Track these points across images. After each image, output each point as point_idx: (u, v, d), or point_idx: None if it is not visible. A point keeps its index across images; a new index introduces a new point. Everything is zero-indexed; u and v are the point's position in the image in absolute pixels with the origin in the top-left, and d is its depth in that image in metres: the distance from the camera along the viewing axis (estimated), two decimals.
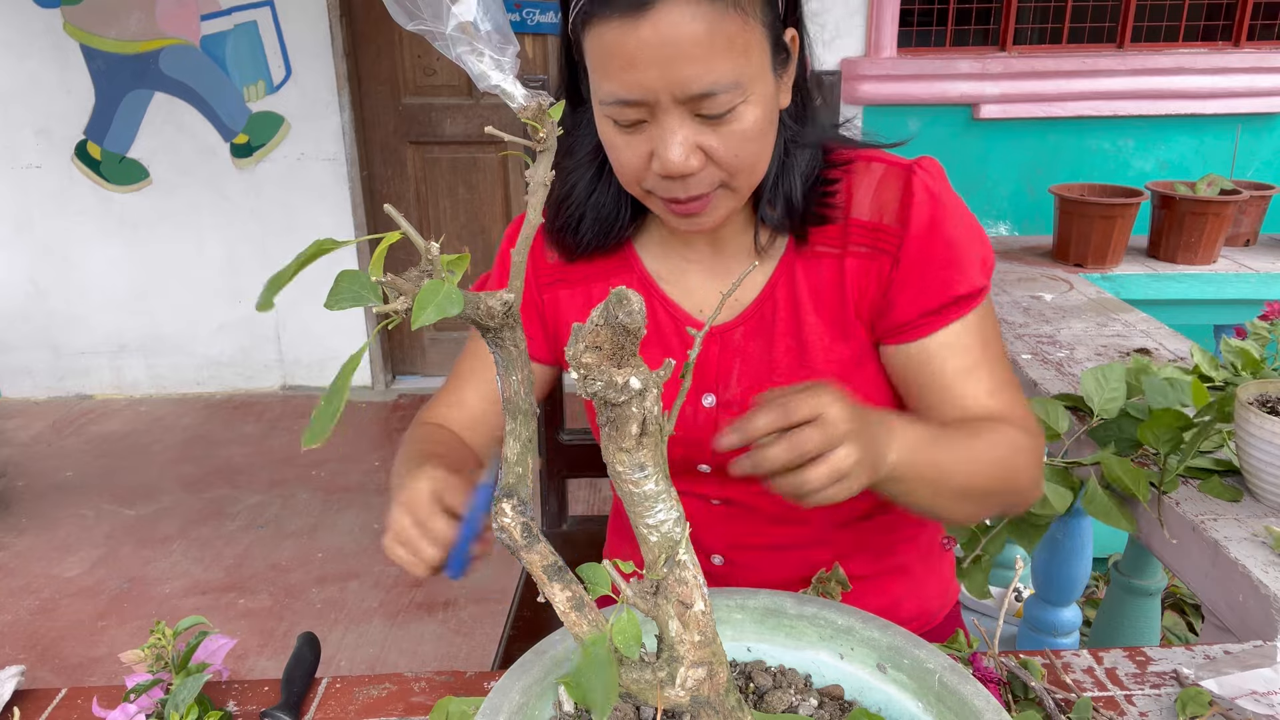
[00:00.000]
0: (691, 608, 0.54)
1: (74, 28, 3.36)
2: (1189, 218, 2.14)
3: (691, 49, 0.72)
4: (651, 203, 0.84)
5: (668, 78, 0.73)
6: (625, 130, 0.79)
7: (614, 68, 0.74)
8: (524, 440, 0.55)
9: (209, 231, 3.62)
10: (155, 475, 3.15)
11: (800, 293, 0.89)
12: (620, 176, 0.84)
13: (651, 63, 0.73)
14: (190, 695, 0.73)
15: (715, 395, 0.92)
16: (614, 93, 0.76)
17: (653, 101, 0.75)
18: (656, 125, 0.77)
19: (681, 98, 0.75)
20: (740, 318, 0.91)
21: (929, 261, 0.86)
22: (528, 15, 3.44)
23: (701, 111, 0.76)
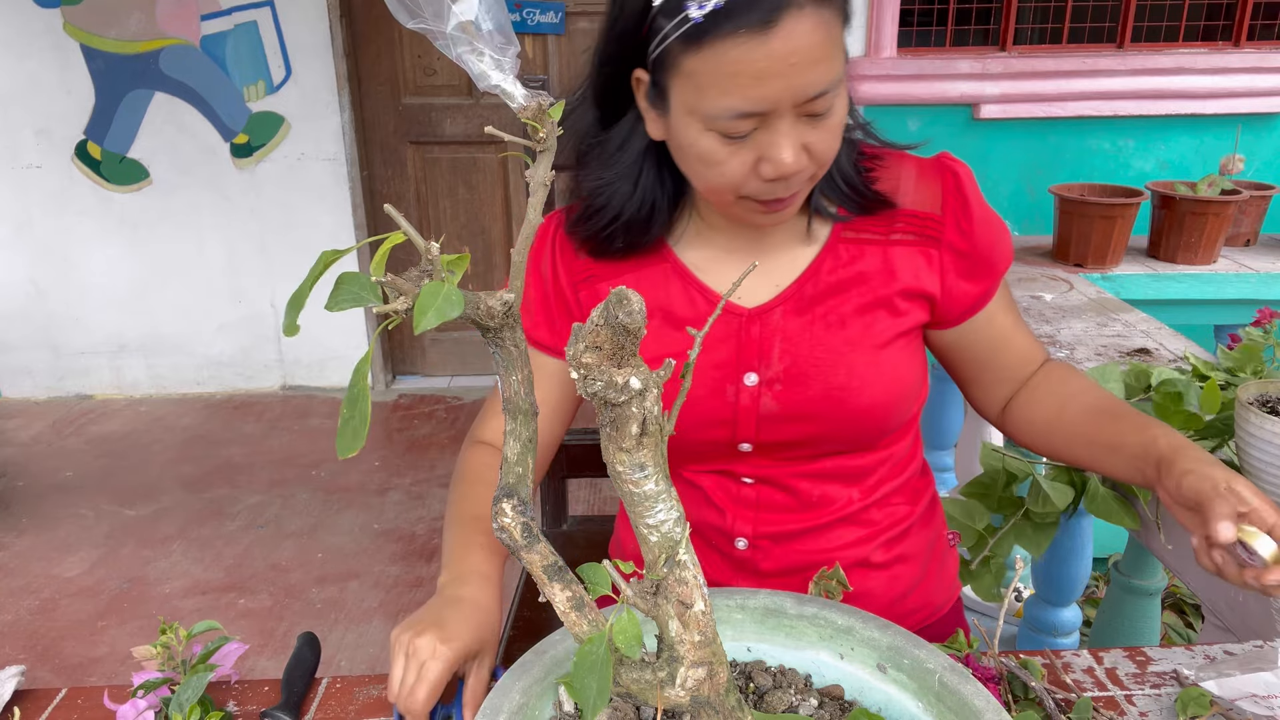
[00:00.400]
0: (692, 608, 0.54)
1: (74, 28, 3.36)
2: (1189, 218, 2.14)
3: (813, 55, 0.75)
4: (740, 206, 0.86)
5: (793, 86, 0.76)
6: (732, 142, 0.80)
7: (739, 83, 0.76)
8: (524, 440, 0.55)
9: (209, 231, 3.62)
10: (155, 475, 3.15)
11: (844, 275, 0.93)
12: (713, 186, 0.85)
13: (780, 74, 0.75)
14: (194, 695, 0.73)
15: (757, 374, 0.94)
16: (734, 107, 0.77)
17: (773, 109, 0.77)
18: (768, 131, 0.79)
19: (800, 101, 0.77)
20: (780, 298, 0.94)
21: (980, 247, 0.94)
22: (528, 15, 3.44)
23: (810, 111, 0.79)
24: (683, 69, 0.78)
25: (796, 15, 0.73)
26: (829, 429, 0.94)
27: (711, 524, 1.01)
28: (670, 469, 0.99)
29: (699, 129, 0.80)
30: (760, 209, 0.85)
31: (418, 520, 2.86)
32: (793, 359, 0.93)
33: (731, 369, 0.94)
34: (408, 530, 2.80)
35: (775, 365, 0.93)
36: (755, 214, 0.86)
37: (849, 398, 0.92)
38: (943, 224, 0.93)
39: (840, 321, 0.93)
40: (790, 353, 0.93)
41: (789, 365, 0.93)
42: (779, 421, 0.94)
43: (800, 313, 0.93)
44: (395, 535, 2.77)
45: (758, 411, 0.94)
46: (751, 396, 0.94)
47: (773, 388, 0.93)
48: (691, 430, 0.95)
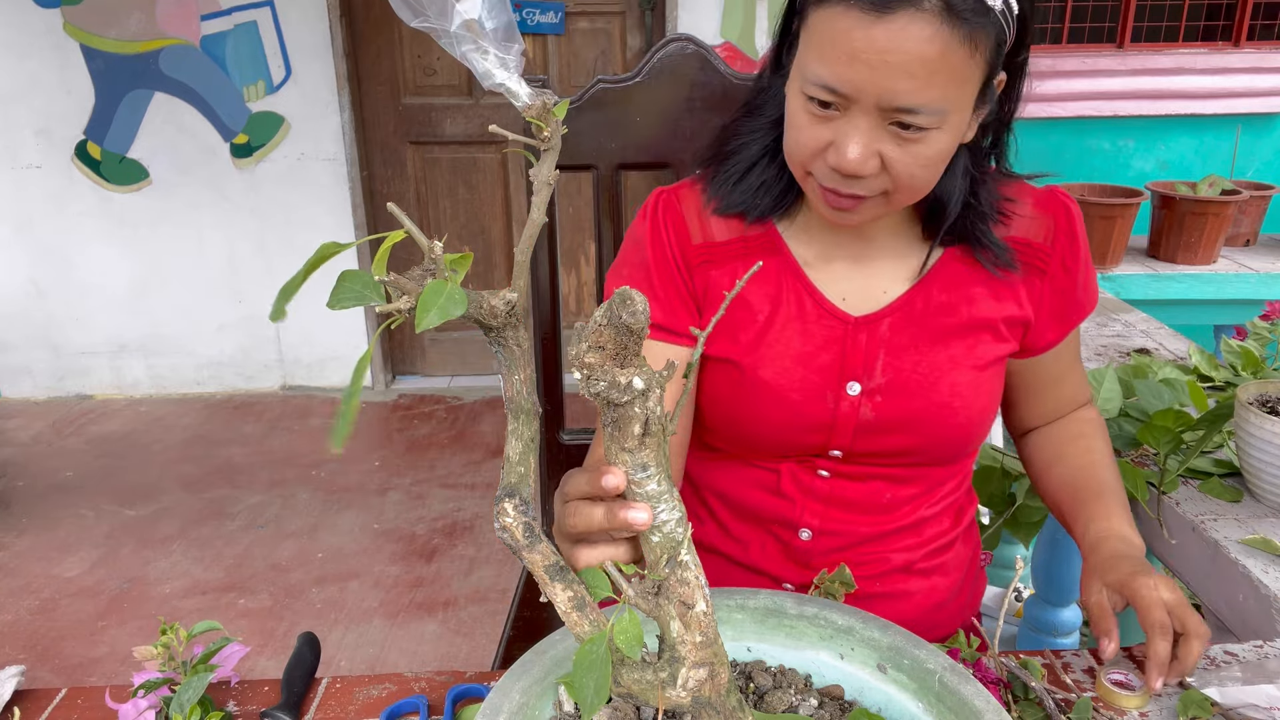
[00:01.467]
0: (693, 608, 0.54)
1: (74, 28, 3.36)
2: (1189, 218, 2.14)
3: (916, 65, 0.73)
4: (808, 183, 0.86)
5: (881, 84, 0.75)
6: (816, 113, 0.79)
7: (834, 55, 0.75)
8: (526, 440, 0.55)
9: (209, 231, 3.62)
10: (155, 475, 3.15)
11: (954, 294, 0.93)
12: (788, 149, 0.85)
13: (871, 65, 0.74)
14: (195, 696, 0.73)
15: (860, 384, 0.93)
16: (823, 78, 0.77)
17: (855, 98, 0.76)
18: (847, 120, 0.78)
19: (885, 105, 0.76)
20: (887, 309, 0.94)
21: (1075, 286, 0.96)
22: (528, 15, 3.44)
23: (897, 121, 0.77)
24: (807, 22, 0.79)
25: (912, 15, 0.72)
26: (922, 443, 0.95)
27: (778, 512, 1.00)
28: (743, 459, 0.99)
29: (796, 88, 0.81)
30: (822, 195, 0.85)
31: (418, 520, 2.86)
32: (896, 371, 0.93)
33: (834, 376, 0.93)
34: (408, 530, 2.80)
35: (878, 376, 0.93)
36: (818, 198, 0.86)
37: (948, 416, 0.93)
38: (1050, 257, 0.94)
39: (945, 339, 0.93)
40: (894, 365, 0.93)
41: (892, 377, 0.93)
42: (875, 432, 0.94)
43: (907, 326, 0.93)
44: (395, 535, 2.77)
45: (856, 420, 0.94)
46: (852, 405, 0.93)
47: (873, 399, 0.93)
48: (786, 432, 0.95)
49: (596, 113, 1.28)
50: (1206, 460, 1.16)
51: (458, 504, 2.95)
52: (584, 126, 1.29)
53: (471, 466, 3.20)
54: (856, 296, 0.94)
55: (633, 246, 0.99)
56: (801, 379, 0.93)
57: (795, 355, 0.93)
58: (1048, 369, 1.01)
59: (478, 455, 3.28)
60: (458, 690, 0.81)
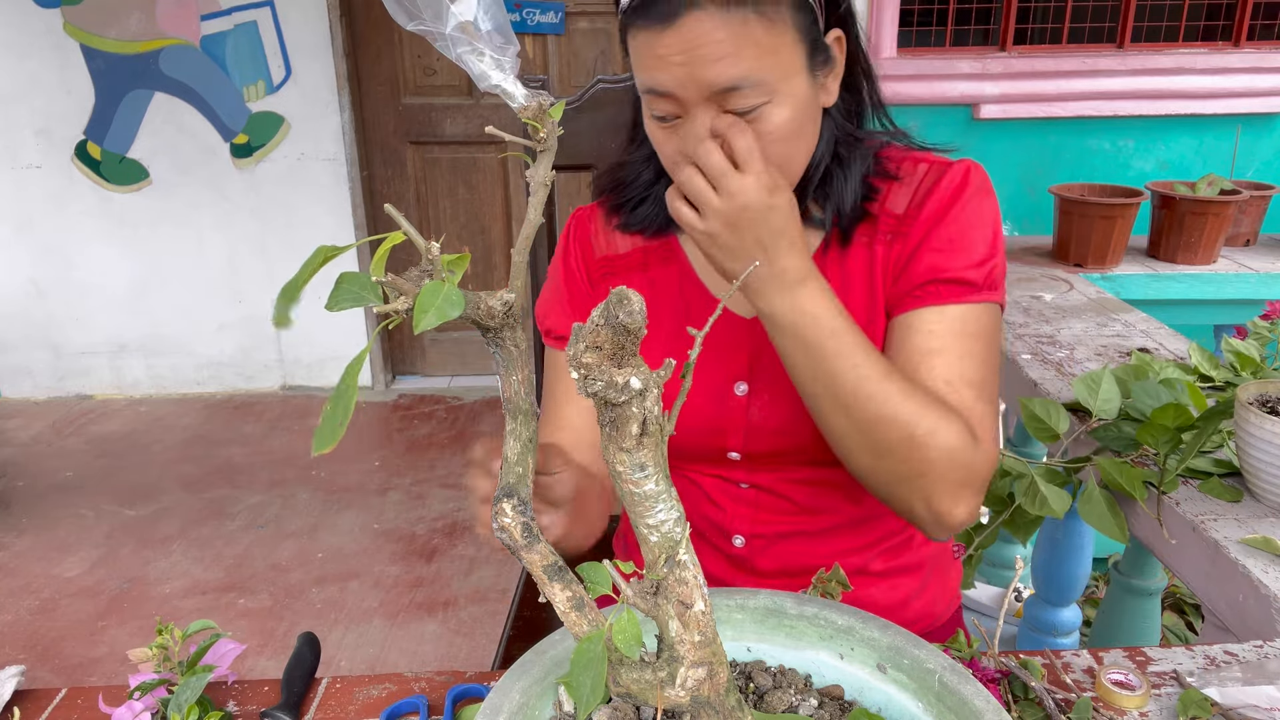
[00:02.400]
0: (692, 608, 0.54)
1: (74, 28, 3.36)
2: (1189, 218, 2.14)
3: (714, 51, 0.78)
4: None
5: (694, 75, 0.79)
6: (664, 125, 0.85)
7: (648, 65, 0.81)
8: (524, 440, 0.55)
9: (209, 231, 3.62)
10: (155, 475, 3.15)
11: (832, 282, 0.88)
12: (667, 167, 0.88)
13: (682, 62, 0.79)
14: (193, 696, 0.73)
15: (747, 383, 0.94)
16: (647, 84, 0.83)
17: (683, 97, 0.81)
18: (689, 120, 0.82)
19: (708, 93, 0.80)
20: None
21: (929, 242, 0.88)
22: (528, 15, 3.44)
23: (728, 107, 0.80)
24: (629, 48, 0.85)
25: (696, 16, 0.77)
26: (809, 443, 0.91)
27: (710, 520, 1.01)
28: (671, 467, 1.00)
29: (645, 108, 0.86)
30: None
31: (418, 520, 2.86)
32: (779, 372, 0.90)
33: (724, 377, 0.94)
34: (408, 530, 2.80)
35: (764, 375, 0.93)
36: None
37: None
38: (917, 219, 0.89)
39: None
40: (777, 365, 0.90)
41: (775, 377, 0.91)
42: (765, 434, 0.93)
43: None
44: (395, 535, 2.77)
45: (745, 422, 0.93)
46: (740, 405, 0.94)
47: (759, 399, 0.93)
48: (685, 435, 0.96)
49: (596, 113, 1.28)
50: (1206, 460, 1.16)
51: (458, 504, 2.95)
52: (583, 127, 1.29)
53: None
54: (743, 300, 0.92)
55: (553, 263, 1.05)
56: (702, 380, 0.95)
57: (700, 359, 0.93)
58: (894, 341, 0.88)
59: None
60: (458, 690, 0.81)
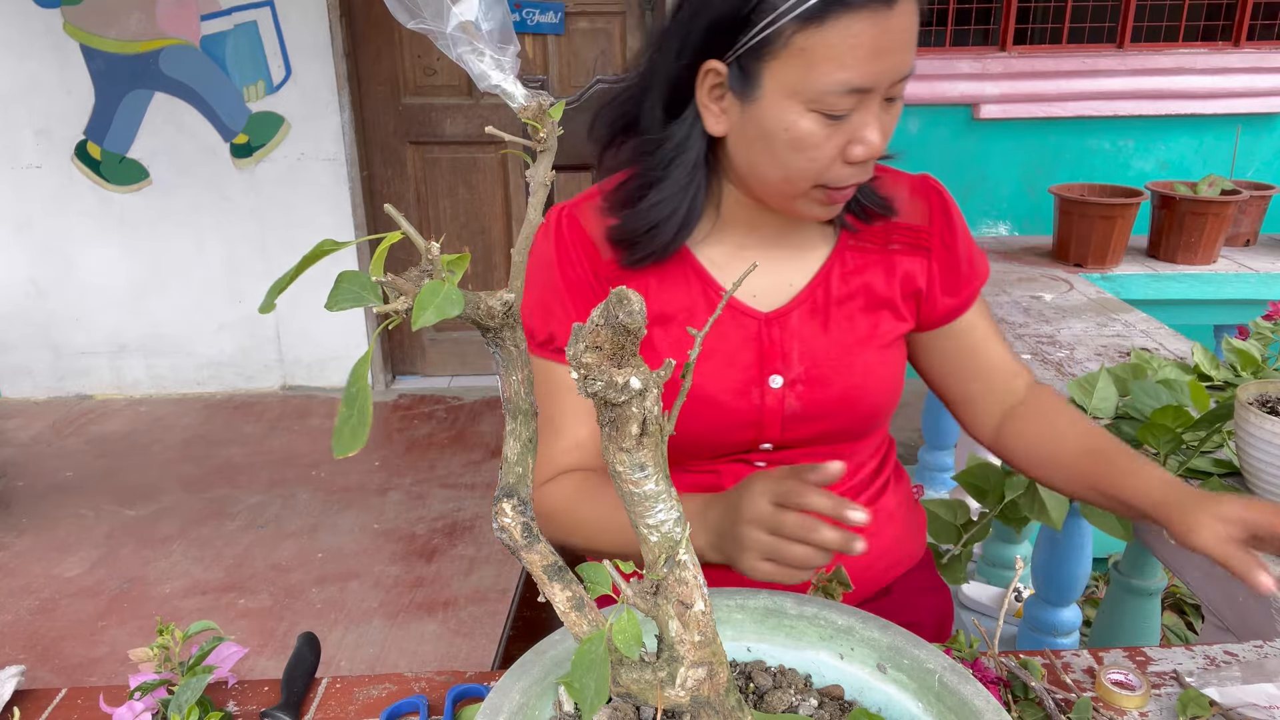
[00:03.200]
0: (691, 608, 0.54)
1: (74, 28, 3.36)
2: (1189, 218, 2.14)
3: (913, 37, 0.82)
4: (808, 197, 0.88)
5: (897, 64, 0.81)
6: (830, 122, 0.83)
7: (858, 58, 0.79)
8: (524, 440, 0.55)
9: (209, 231, 3.62)
10: (155, 475, 3.15)
11: (850, 281, 0.98)
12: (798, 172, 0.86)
13: (892, 51, 0.80)
14: (193, 696, 0.73)
15: (782, 376, 0.97)
16: (849, 82, 0.80)
17: (873, 89, 0.82)
18: (863, 112, 0.83)
19: (895, 81, 0.82)
20: (795, 301, 0.98)
21: (960, 257, 1.01)
22: (528, 15, 3.44)
23: (892, 95, 0.84)
24: (794, 48, 0.80)
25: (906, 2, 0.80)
26: (843, 425, 0.99)
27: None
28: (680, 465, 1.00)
29: (799, 110, 0.83)
30: (826, 199, 0.88)
31: (418, 520, 2.86)
32: (812, 360, 0.97)
33: (756, 372, 0.97)
34: (408, 530, 2.80)
35: (796, 367, 0.96)
36: (817, 205, 0.89)
37: (864, 396, 0.98)
38: (931, 236, 1.00)
39: (851, 323, 0.98)
40: (809, 355, 0.97)
41: (809, 367, 0.97)
42: (801, 421, 0.98)
43: (815, 315, 0.97)
44: (395, 535, 2.77)
45: (783, 412, 0.97)
46: (776, 398, 0.97)
47: (795, 388, 0.97)
48: (718, 433, 0.98)
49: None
50: (1206, 460, 1.16)
51: (458, 504, 2.95)
52: (583, 127, 1.28)
53: (471, 466, 3.20)
54: (766, 293, 0.98)
55: (540, 268, 0.98)
56: (727, 379, 0.96)
57: (717, 357, 0.96)
58: (966, 340, 1.04)
59: (478, 455, 3.28)
60: (458, 690, 0.81)
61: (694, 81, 0.88)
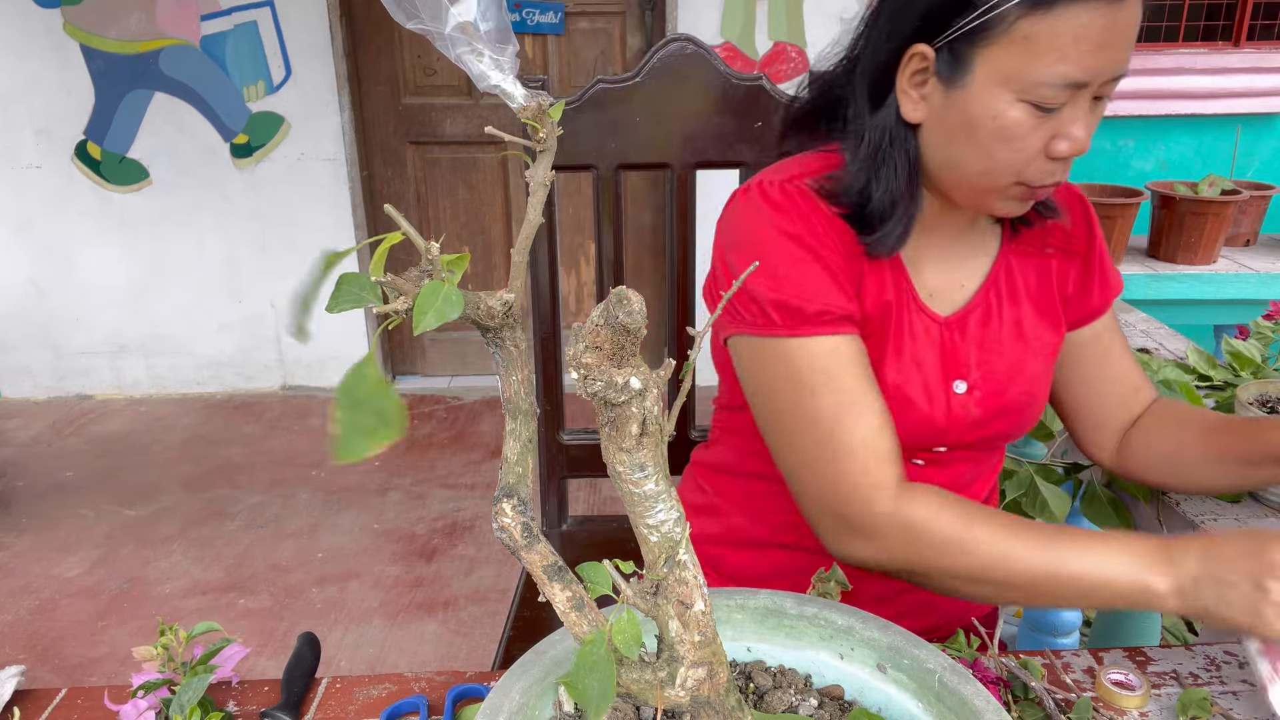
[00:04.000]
0: (691, 608, 0.54)
1: (74, 28, 3.36)
2: (1189, 218, 2.14)
3: (1134, 35, 0.79)
4: (1006, 194, 0.86)
5: (1117, 60, 0.79)
6: (1040, 114, 0.80)
7: (1081, 49, 0.77)
8: (524, 440, 0.55)
9: (209, 231, 3.62)
10: (155, 475, 3.15)
11: (1016, 284, 0.98)
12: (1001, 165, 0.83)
13: (1116, 45, 0.78)
14: (195, 696, 0.73)
15: (965, 381, 0.96)
16: (1068, 74, 0.77)
17: (1091, 82, 0.79)
18: (1073, 108, 0.80)
19: (1110, 78, 0.80)
20: (969, 305, 0.97)
21: (1099, 264, 1.01)
22: (528, 15, 3.44)
23: (1102, 93, 0.82)
24: (1015, 34, 0.77)
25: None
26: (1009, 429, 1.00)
27: None
28: None
29: (1009, 99, 0.80)
30: (1024, 195, 0.86)
31: (418, 520, 2.86)
32: (988, 366, 0.96)
33: (940, 376, 0.95)
34: (408, 530, 2.80)
35: (974, 372, 0.96)
36: (1014, 201, 0.87)
37: (1031, 401, 0.98)
38: (1077, 240, 1.01)
39: (1019, 328, 0.98)
40: (986, 360, 0.96)
41: (985, 372, 0.96)
42: (979, 426, 0.97)
43: (989, 319, 0.97)
44: (395, 535, 2.78)
45: (966, 418, 0.96)
46: (961, 404, 0.96)
47: (974, 394, 0.96)
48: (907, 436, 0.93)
49: (596, 113, 1.28)
50: None
51: (458, 504, 2.95)
52: (584, 126, 1.29)
53: (471, 466, 3.20)
54: (941, 293, 0.96)
55: (784, 242, 0.89)
56: (917, 380, 0.94)
57: (909, 355, 0.94)
58: (1089, 347, 1.03)
59: (478, 455, 3.28)
60: (458, 690, 0.81)
61: (898, 66, 0.85)
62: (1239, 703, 0.79)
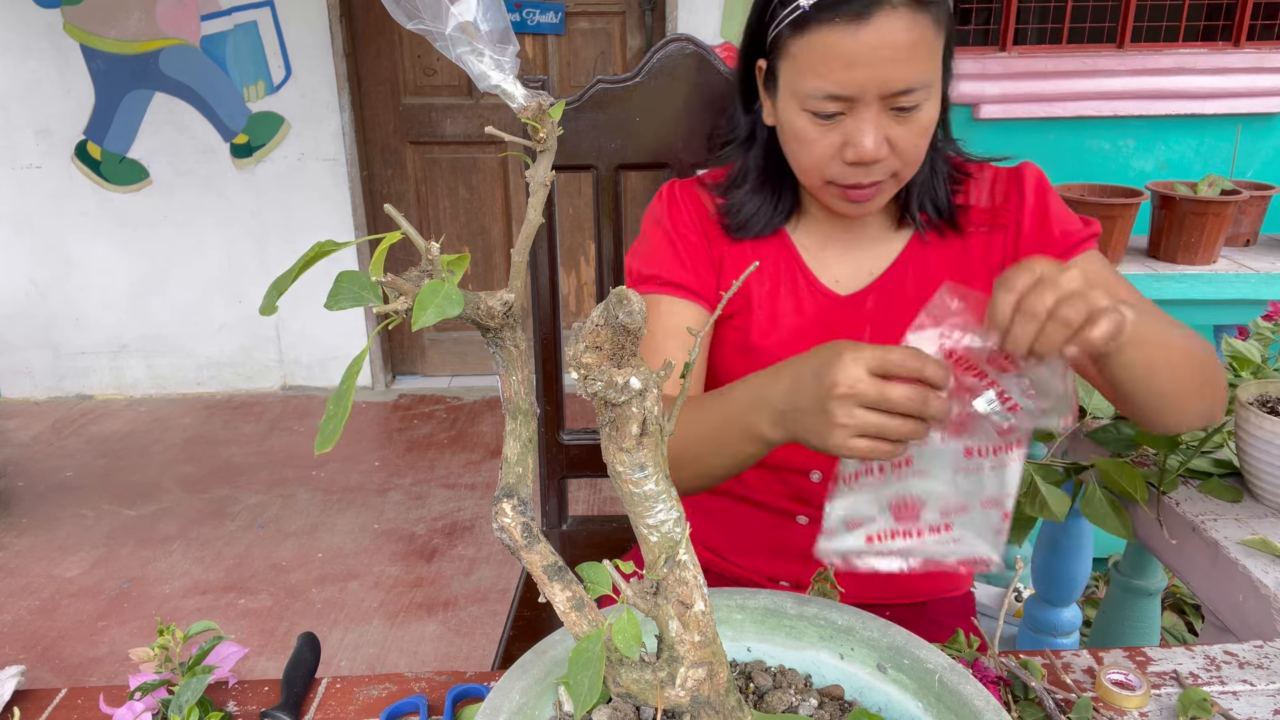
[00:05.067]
0: (691, 608, 0.54)
1: (74, 28, 3.36)
2: (1189, 218, 2.14)
3: (902, 53, 0.84)
4: (826, 191, 0.95)
5: (879, 77, 0.85)
6: (822, 123, 0.89)
7: (831, 67, 0.85)
8: (524, 440, 0.55)
9: (209, 231, 3.62)
10: (155, 475, 3.15)
11: (928, 267, 1.02)
12: (804, 166, 0.94)
13: (868, 64, 0.84)
14: (194, 697, 0.73)
15: None
16: (824, 89, 0.86)
17: (859, 96, 0.86)
18: (854, 118, 0.88)
19: (884, 94, 0.86)
20: (871, 287, 1.02)
21: (1046, 221, 1.00)
22: (528, 15, 3.44)
23: (896, 105, 0.87)
24: (788, 52, 0.89)
25: (889, 13, 0.83)
26: None
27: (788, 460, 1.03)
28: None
29: (795, 108, 0.90)
30: (841, 194, 0.93)
31: (418, 520, 2.86)
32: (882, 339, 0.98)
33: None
34: (408, 530, 2.80)
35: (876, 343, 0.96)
36: (839, 200, 0.95)
37: None
38: (1013, 212, 1.02)
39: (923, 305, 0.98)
40: (880, 338, 1.00)
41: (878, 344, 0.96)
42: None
43: (890, 299, 1.01)
44: (395, 535, 2.77)
45: None
46: None
47: None
48: None
49: (596, 113, 1.28)
50: (1206, 460, 1.16)
51: (458, 504, 2.95)
52: (584, 127, 1.29)
53: (471, 466, 3.20)
54: (847, 278, 1.04)
55: (652, 226, 1.07)
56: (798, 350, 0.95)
57: (791, 328, 1.02)
58: None
59: (478, 455, 3.28)
60: (458, 690, 0.81)
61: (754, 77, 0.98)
62: (1239, 703, 0.79)
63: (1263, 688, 0.81)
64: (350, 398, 0.42)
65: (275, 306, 0.43)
